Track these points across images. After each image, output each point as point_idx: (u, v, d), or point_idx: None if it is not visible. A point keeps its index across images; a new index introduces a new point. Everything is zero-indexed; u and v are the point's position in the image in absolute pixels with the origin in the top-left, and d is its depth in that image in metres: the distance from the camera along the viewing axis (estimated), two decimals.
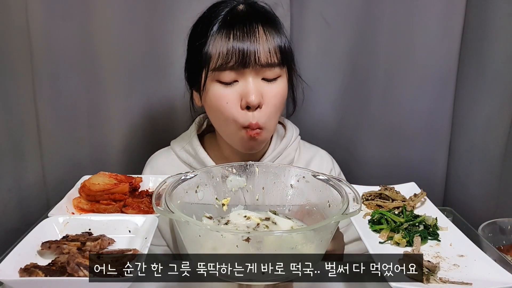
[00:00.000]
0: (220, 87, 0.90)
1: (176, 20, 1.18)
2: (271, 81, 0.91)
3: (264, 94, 0.90)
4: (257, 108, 0.90)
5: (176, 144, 1.08)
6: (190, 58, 0.97)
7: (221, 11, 0.92)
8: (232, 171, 0.81)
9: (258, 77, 0.90)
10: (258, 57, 0.88)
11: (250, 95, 0.88)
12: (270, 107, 0.91)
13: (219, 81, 0.90)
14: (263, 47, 0.88)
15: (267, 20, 0.92)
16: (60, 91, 1.19)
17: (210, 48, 0.89)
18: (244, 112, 0.89)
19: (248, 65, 0.88)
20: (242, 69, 0.88)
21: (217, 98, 0.90)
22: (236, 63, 0.87)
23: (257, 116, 0.90)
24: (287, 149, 1.05)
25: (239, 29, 0.88)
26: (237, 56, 0.87)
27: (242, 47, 0.87)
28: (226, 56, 0.87)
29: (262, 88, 0.90)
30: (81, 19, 1.14)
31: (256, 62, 0.88)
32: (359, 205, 0.67)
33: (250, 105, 0.88)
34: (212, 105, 0.92)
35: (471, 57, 1.18)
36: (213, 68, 0.89)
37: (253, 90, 0.88)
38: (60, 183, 1.20)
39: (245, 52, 0.87)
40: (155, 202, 0.66)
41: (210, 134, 1.09)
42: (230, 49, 0.87)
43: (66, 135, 1.22)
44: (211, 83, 0.91)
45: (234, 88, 0.90)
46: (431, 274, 0.66)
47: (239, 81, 0.90)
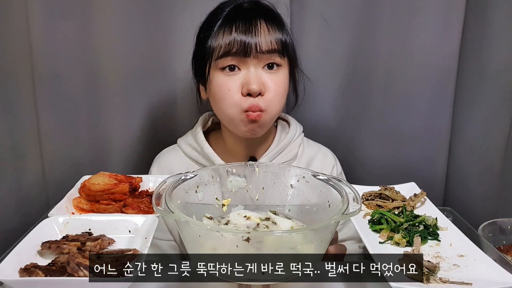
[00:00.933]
0: (222, 76, 0.94)
1: (176, 20, 1.18)
2: (272, 71, 0.95)
3: (265, 83, 0.93)
4: (258, 95, 0.93)
5: (182, 141, 1.10)
6: (197, 52, 1.01)
7: (226, 7, 0.96)
8: (232, 171, 0.81)
9: (259, 66, 0.94)
10: (260, 46, 0.92)
11: (251, 83, 0.91)
12: (271, 93, 0.94)
13: (221, 70, 0.94)
14: (264, 39, 0.93)
15: (269, 16, 0.96)
16: (60, 91, 1.18)
17: (213, 41, 0.93)
18: (245, 98, 0.93)
19: (249, 54, 0.92)
20: (244, 58, 0.92)
21: (220, 86, 0.94)
22: (237, 51, 0.91)
23: (258, 100, 0.93)
24: (291, 145, 1.07)
25: (242, 23, 0.92)
26: (239, 45, 0.91)
27: (244, 39, 0.91)
28: (228, 46, 0.91)
29: (263, 77, 0.93)
30: (81, 19, 1.14)
31: (258, 51, 0.92)
32: (359, 205, 0.67)
33: (251, 92, 0.92)
34: (216, 93, 0.96)
35: (471, 57, 1.18)
36: (216, 57, 0.93)
37: (254, 79, 0.92)
38: (60, 183, 1.20)
39: (246, 42, 0.91)
40: (155, 202, 0.66)
41: (215, 131, 1.11)
42: (232, 40, 0.91)
43: (66, 135, 1.22)
44: (214, 73, 0.95)
45: (236, 77, 0.93)
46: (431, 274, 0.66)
47: (242, 70, 0.93)
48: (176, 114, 1.27)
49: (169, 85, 1.24)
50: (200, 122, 1.09)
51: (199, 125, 1.08)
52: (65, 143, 1.22)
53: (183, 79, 1.19)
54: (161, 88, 1.24)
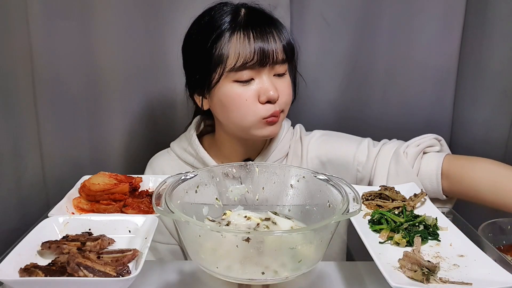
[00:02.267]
0: (237, 87, 0.93)
1: (176, 21, 1.18)
2: (280, 76, 0.96)
3: (278, 88, 0.94)
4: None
5: (176, 145, 1.09)
6: (196, 62, 0.97)
7: (225, 13, 0.94)
8: (232, 171, 0.81)
9: (271, 74, 0.95)
10: (276, 56, 0.93)
11: (269, 90, 0.93)
12: (284, 96, 0.96)
13: (236, 81, 0.93)
14: (277, 45, 0.93)
15: (272, 20, 0.96)
16: (60, 92, 1.19)
17: (225, 50, 0.91)
18: (264, 105, 0.94)
19: (267, 63, 0.92)
20: (260, 68, 0.93)
21: (235, 97, 0.94)
22: (256, 62, 0.91)
23: (277, 106, 0.95)
24: (282, 141, 1.06)
25: (256, 30, 0.92)
26: (259, 56, 0.91)
27: (263, 47, 0.91)
28: (248, 57, 0.91)
29: (275, 83, 0.95)
30: (81, 20, 1.15)
31: (274, 61, 0.93)
32: (359, 205, 0.67)
33: (271, 99, 0.93)
34: (228, 103, 0.95)
35: (471, 57, 1.18)
36: (230, 68, 0.92)
37: (271, 86, 0.93)
38: (60, 183, 1.20)
39: (265, 51, 0.91)
40: (155, 202, 0.66)
41: (209, 134, 1.10)
42: (252, 50, 0.91)
43: (66, 135, 1.22)
44: (226, 84, 0.93)
45: (251, 86, 0.93)
46: (431, 274, 0.66)
47: (255, 79, 0.93)
48: (175, 114, 1.27)
49: (169, 85, 1.24)
50: (194, 126, 1.07)
51: (193, 129, 1.07)
52: (65, 143, 1.22)
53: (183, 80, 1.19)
54: (161, 89, 1.25)
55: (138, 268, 0.63)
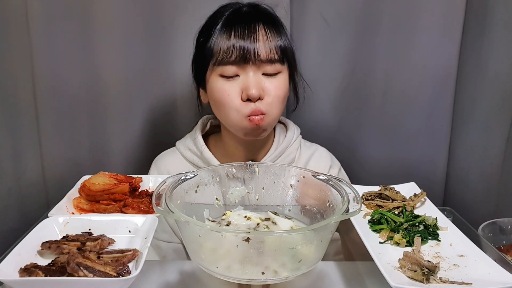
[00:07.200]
0: (222, 81, 0.94)
1: (177, 22, 1.18)
2: (271, 76, 0.95)
3: (265, 87, 0.93)
4: (258, 100, 0.93)
5: (181, 144, 1.09)
6: (196, 55, 1.01)
7: (225, 11, 0.96)
8: (232, 171, 0.81)
9: (258, 72, 0.94)
10: (258, 54, 0.92)
11: (250, 88, 0.91)
12: (271, 97, 0.94)
13: (221, 76, 0.94)
14: (263, 45, 0.92)
15: (268, 20, 0.96)
16: (60, 92, 1.19)
17: (212, 45, 0.94)
18: (245, 103, 0.93)
19: (248, 60, 0.92)
20: (243, 64, 0.92)
21: (220, 91, 0.94)
22: (236, 58, 0.91)
23: (258, 105, 0.93)
24: (289, 148, 1.07)
25: (240, 27, 0.93)
26: (237, 52, 0.91)
27: (242, 45, 0.91)
28: (226, 52, 0.92)
29: (262, 82, 0.93)
30: (81, 20, 1.14)
31: (256, 58, 0.92)
32: (359, 205, 0.67)
33: (251, 97, 0.92)
34: (215, 98, 0.96)
35: (471, 58, 1.18)
36: (214, 62, 0.94)
37: (253, 84, 0.92)
38: (60, 183, 1.20)
39: (245, 49, 0.91)
40: (155, 202, 0.66)
41: (215, 135, 1.10)
42: (230, 46, 0.92)
43: (66, 135, 1.22)
44: (214, 78, 0.95)
45: (235, 82, 0.94)
46: (431, 274, 0.66)
47: (240, 76, 0.93)
48: (176, 115, 1.27)
49: (169, 87, 1.24)
50: (199, 126, 1.08)
51: (198, 129, 1.07)
52: (65, 143, 1.22)
53: (183, 81, 1.19)
54: (161, 90, 1.24)
55: (138, 268, 0.63)
